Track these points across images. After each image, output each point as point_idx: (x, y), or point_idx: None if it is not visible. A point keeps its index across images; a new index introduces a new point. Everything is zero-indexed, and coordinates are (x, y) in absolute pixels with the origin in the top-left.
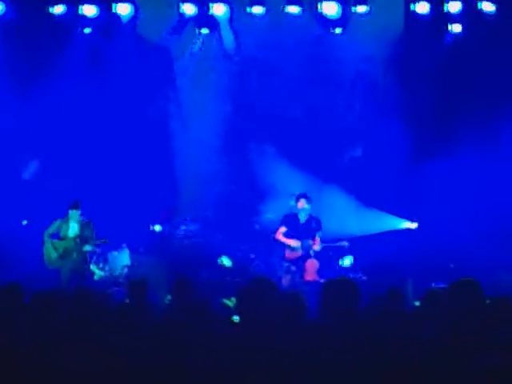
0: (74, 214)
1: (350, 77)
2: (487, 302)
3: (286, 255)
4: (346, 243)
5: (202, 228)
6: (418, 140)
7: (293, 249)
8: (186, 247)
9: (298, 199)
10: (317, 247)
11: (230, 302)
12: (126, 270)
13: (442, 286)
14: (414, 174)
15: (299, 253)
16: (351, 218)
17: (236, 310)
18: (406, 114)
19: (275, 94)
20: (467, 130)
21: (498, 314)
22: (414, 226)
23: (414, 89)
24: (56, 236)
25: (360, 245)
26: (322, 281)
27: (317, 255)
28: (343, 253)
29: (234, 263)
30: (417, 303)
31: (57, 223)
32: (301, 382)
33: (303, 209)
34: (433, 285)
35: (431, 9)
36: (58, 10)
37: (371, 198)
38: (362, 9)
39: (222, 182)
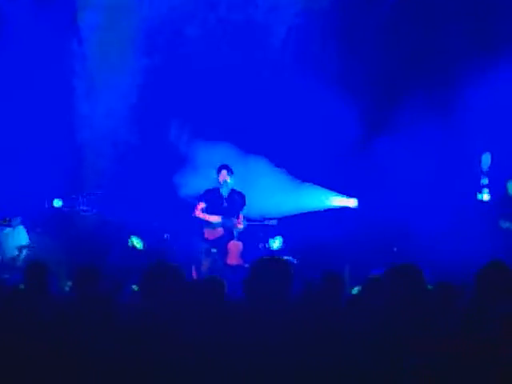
0: None
1: (281, 34)
2: (429, 287)
3: (206, 235)
4: (274, 222)
5: (110, 204)
6: (361, 108)
7: (213, 226)
8: (90, 226)
9: (218, 171)
10: (240, 226)
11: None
12: (22, 251)
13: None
14: (356, 146)
15: (220, 232)
16: (282, 194)
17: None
18: (349, 78)
19: (196, 54)
20: (418, 97)
21: (439, 302)
22: (353, 203)
23: (356, 49)
24: None
25: (291, 224)
26: (246, 265)
27: (241, 236)
28: (272, 233)
29: (145, 245)
30: (354, 291)
31: None
32: (219, 375)
33: (225, 182)
34: (373, 271)
35: None
36: None
37: (305, 171)
38: None
39: (134, 151)
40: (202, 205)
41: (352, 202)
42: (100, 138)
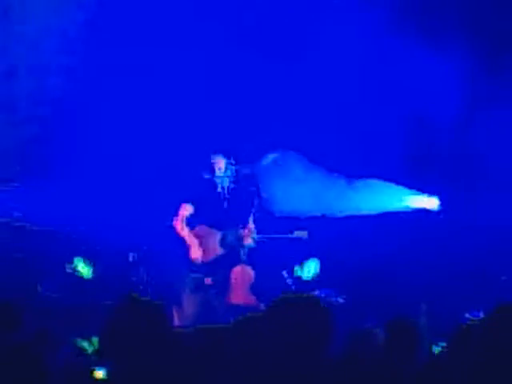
0: None
1: None
2: None
3: (193, 254)
4: (304, 234)
5: (39, 203)
6: (452, 66)
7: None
8: (9, 239)
9: (213, 156)
10: (250, 241)
11: (89, 345)
12: None
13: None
14: (441, 122)
15: (217, 251)
16: (319, 190)
17: (100, 359)
18: (433, 23)
19: None
20: None
21: None
22: (433, 204)
23: None
24: None
25: (334, 238)
26: (261, 305)
27: (252, 257)
28: (301, 253)
29: (96, 271)
30: (436, 349)
31: None
32: None
33: (223, 174)
34: (467, 315)
35: None
36: None
37: (358, 154)
38: None
39: (78, 115)
40: (187, 208)
41: (432, 203)
42: (24, 91)
